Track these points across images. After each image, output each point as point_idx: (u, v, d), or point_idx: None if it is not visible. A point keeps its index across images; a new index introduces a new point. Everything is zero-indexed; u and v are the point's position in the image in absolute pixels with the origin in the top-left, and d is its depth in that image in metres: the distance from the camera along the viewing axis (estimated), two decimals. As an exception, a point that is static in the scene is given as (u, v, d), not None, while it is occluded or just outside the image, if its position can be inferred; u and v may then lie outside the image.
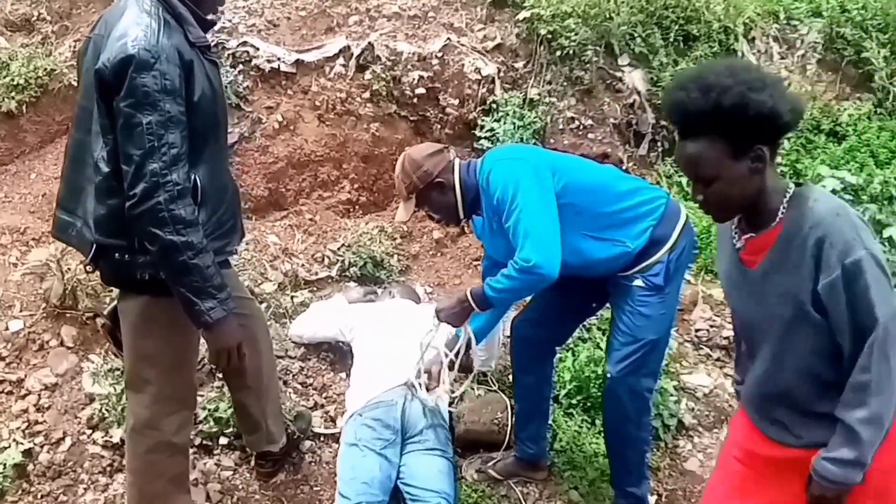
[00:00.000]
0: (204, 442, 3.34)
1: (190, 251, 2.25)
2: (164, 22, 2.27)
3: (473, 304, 3.03)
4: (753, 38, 5.34)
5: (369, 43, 4.67)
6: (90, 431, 3.32)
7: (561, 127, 4.75)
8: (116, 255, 2.38)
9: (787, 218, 1.96)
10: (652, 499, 3.28)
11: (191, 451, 3.29)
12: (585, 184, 3.01)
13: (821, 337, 1.97)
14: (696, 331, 4.25)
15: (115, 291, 2.79)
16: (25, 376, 3.45)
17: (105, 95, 2.27)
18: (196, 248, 2.26)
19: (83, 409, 3.38)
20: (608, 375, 2.99)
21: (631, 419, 3.03)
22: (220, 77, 2.56)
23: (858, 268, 1.83)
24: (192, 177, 2.33)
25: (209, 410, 3.36)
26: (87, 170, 2.43)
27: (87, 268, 2.60)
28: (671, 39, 5.08)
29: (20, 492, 3.13)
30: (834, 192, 4.60)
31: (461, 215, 3.15)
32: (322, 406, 3.65)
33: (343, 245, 4.31)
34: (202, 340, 2.66)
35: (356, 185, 4.69)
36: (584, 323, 3.77)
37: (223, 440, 3.35)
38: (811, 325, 1.96)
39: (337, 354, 3.83)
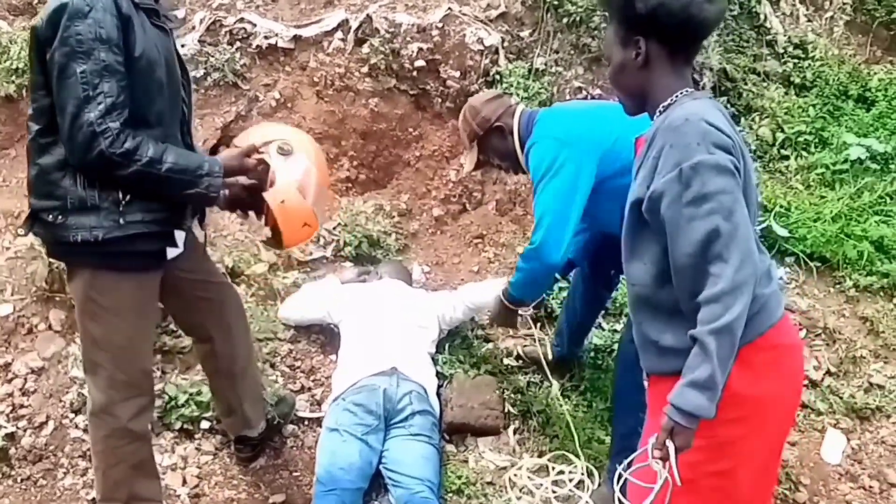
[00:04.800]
0: (185, 426, 3.28)
1: (157, 166, 2.24)
2: None
3: (507, 304, 3.24)
4: (778, 0, 5.05)
5: (367, 15, 4.53)
6: (73, 415, 3.30)
7: (568, 97, 4.54)
8: (49, 216, 2.31)
9: (657, 122, 1.93)
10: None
11: (171, 435, 3.28)
12: None
13: (655, 250, 1.90)
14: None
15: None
16: (13, 360, 3.43)
17: (39, 50, 2.22)
18: (158, 159, 2.24)
19: (67, 392, 3.35)
20: (623, 342, 3.02)
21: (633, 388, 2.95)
22: (172, 47, 2.45)
23: (695, 171, 1.74)
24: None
25: (190, 394, 3.30)
26: None
27: (20, 231, 2.54)
28: (687, 3, 4.81)
29: (0, 475, 3.12)
30: (860, 160, 4.35)
31: (523, 165, 3.15)
32: (309, 389, 3.57)
33: (339, 224, 4.21)
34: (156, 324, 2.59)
35: (355, 163, 4.58)
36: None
37: (204, 424, 3.29)
38: (647, 235, 1.92)
39: (327, 337, 3.75)
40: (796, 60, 4.94)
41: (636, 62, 1.95)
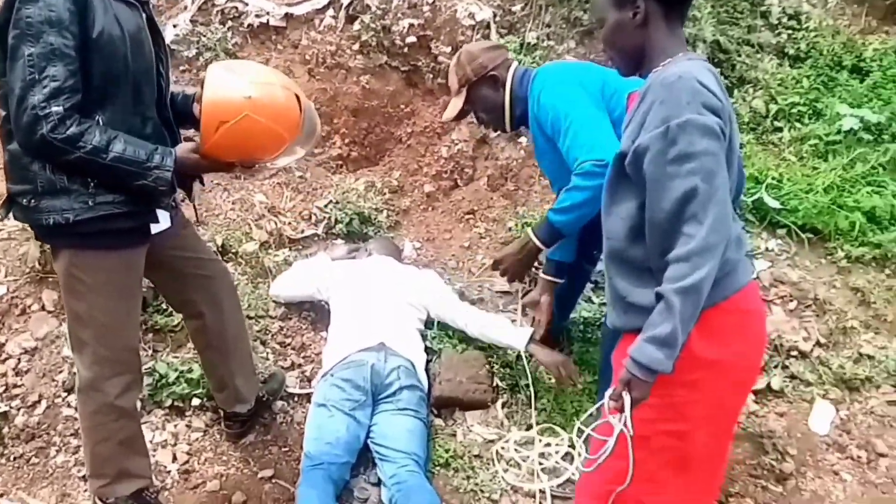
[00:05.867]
0: (175, 403, 3.32)
1: (101, 155, 2.23)
2: None
3: (538, 242, 2.96)
4: (773, -31, 5.00)
5: (358, -9, 4.52)
6: (65, 394, 3.33)
7: (560, 72, 4.52)
8: (24, 200, 2.33)
9: (650, 78, 1.92)
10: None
11: (162, 412, 3.31)
12: None
13: (632, 204, 1.91)
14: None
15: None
16: (6, 341, 3.46)
17: (2, 38, 2.22)
18: (103, 148, 2.23)
19: (60, 372, 3.39)
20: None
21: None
22: (142, 22, 2.43)
23: (682, 130, 1.75)
24: (96, 118, 2.27)
25: (181, 372, 3.34)
26: None
27: None
28: (681, -26, 4.77)
29: (-7, 454, 3.16)
30: (853, 131, 4.32)
31: (508, 121, 3.09)
32: (300, 366, 3.60)
33: (330, 202, 4.22)
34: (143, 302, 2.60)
35: (347, 140, 4.58)
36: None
37: (195, 401, 3.32)
38: (627, 188, 1.92)
39: (318, 314, 3.77)
40: (790, 31, 4.89)
41: (634, 21, 1.96)
